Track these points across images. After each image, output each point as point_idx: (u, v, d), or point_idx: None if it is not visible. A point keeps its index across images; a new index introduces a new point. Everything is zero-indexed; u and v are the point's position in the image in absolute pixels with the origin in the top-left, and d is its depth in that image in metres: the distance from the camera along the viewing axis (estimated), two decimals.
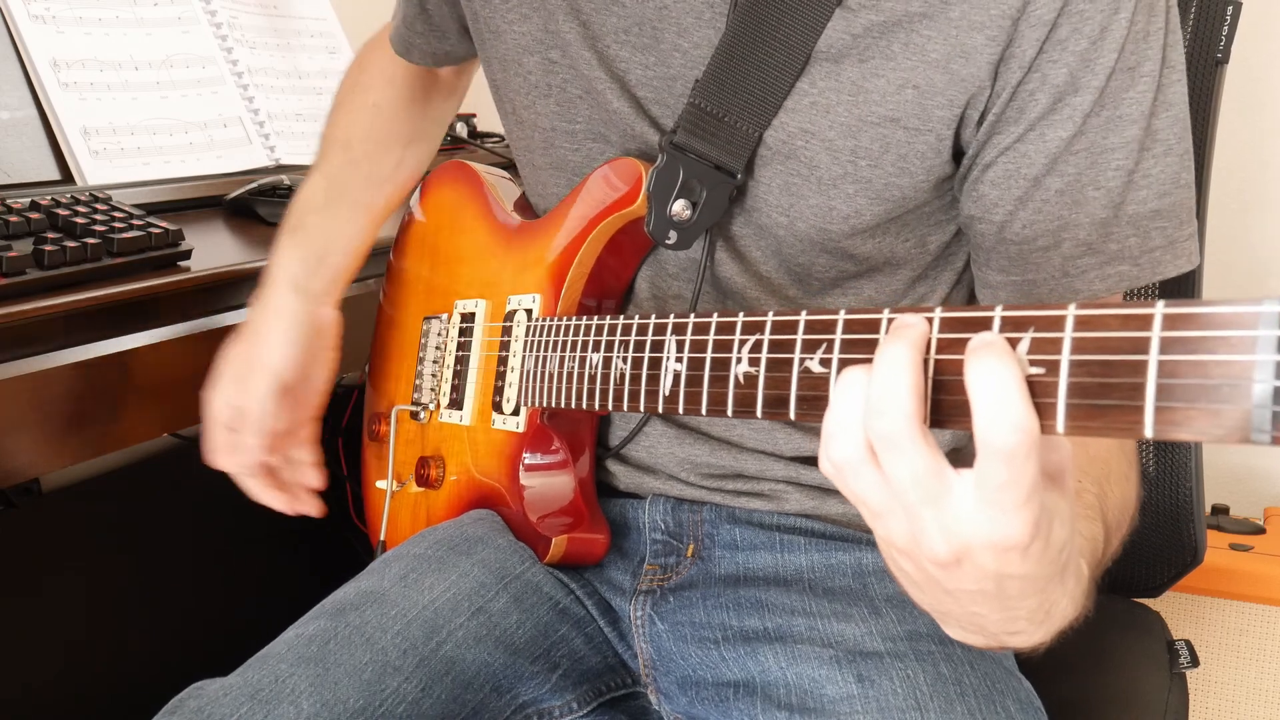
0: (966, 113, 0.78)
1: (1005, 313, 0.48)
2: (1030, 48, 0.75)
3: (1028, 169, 0.77)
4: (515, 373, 0.89)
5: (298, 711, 0.72)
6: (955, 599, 0.55)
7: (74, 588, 1.39)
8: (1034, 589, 0.54)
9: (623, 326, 0.75)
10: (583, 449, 0.90)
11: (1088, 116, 0.76)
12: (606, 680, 0.88)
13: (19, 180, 1.15)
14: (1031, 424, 0.46)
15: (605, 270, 0.88)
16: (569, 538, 0.88)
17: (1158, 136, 0.77)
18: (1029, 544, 0.49)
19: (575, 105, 0.88)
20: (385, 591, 0.83)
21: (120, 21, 1.32)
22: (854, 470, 0.52)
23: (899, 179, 0.80)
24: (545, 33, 0.87)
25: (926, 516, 0.50)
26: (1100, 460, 0.71)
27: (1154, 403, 0.43)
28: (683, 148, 0.82)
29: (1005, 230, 0.80)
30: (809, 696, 0.77)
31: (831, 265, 0.86)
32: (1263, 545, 1.60)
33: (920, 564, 0.53)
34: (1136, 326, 0.44)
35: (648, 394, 0.70)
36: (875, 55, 0.77)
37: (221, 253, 1.13)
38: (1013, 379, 0.46)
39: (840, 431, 0.51)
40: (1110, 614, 1.17)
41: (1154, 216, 0.78)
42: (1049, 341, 0.46)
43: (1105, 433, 0.45)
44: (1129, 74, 0.76)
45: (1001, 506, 0.48)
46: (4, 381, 0.83)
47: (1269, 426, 0.40)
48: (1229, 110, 1.16)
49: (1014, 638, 0.58)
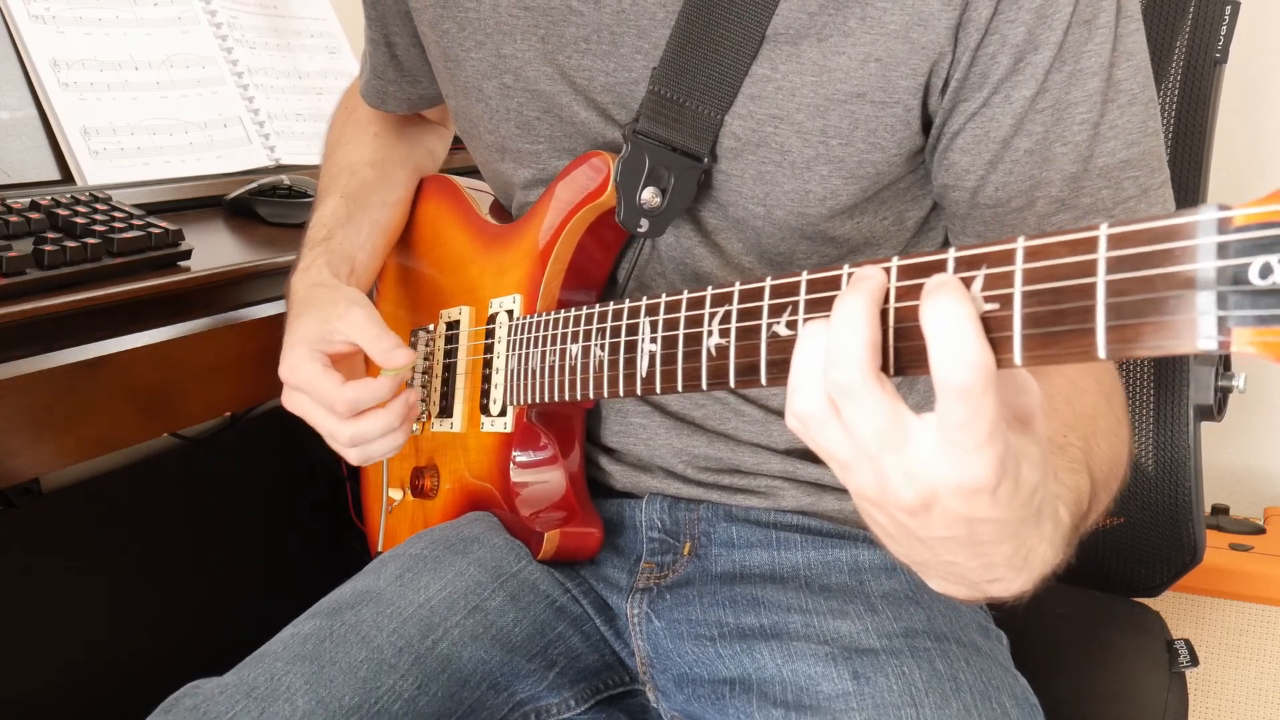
0: (931, 80, 0.78)
1: (958, 253, 0.49)
2: (986, 8, 0.75)
3: (996, 132, 0.78)
4: (500, 374, 0.90)
5: (293, 709, 0.72)
6: (929, 547, 0.55)
7: (74, 588, 1.39)
8: (1007, 533, 0.53)
9: (598, 315, 0.75)
10: (572, 444, 0.91)
11: (1049, 73, 0.76)
12: (604, 678, 0.89)
13: (19, 180, 1.15)
14: (986, 359, 0.46)
15: (583, 264, 0.89)
16: (561, 532, 0.89)
17: (1120, 87, 0.78)
18: (996, 485, 0.49)
19: (534, 126, 0.89)
20: (381, 591, 0.83)
21: (120, 21, 1.33)
22: (818, 423, 0.52)
23: (871, 155, 0.80)
24: (498, 57, 0.87)
25: (890, 464, 0.51)
26: (1087, 417, 0.71)
27: (1104, 323, 0.43)
28: (646, 135, 0.82)
29: (978, 195, 0.80)
30: (805, 693, 0.77)
31: (812, 251, 0.86)
32: (1263, 545, 1.60)
33: (891, 513, 0.53)
34: (1083, 250, 0.44)
35: (626, 378, 0.71)
36: (834, 32, 0.78)
37: (221, 253, 1.13)
38: (965, 316, 0.46)
39: (802, 385, 0.52)
40: (1110, 613, 1.17)
41: (1124, 166, 0.78)
42: (1001, 276, 0.47)
43: (1062, 359, 0.45)
44: (1085, 27, 0.76)
45: (963, 446, 0.48)
46: (4, 381, 0.83)
47: (1215, 331, 0.40)
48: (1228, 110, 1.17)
49: (994, 585, 0.58)
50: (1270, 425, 1.84)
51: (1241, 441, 1.84)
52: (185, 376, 0.96)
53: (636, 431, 0.92)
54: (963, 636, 0.81)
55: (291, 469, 1.68)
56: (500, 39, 0.87)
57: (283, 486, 1.68)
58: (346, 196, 1.03)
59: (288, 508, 1.69)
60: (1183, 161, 1.14)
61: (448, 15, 0.90)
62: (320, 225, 1.01)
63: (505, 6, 0.86)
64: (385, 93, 1.09)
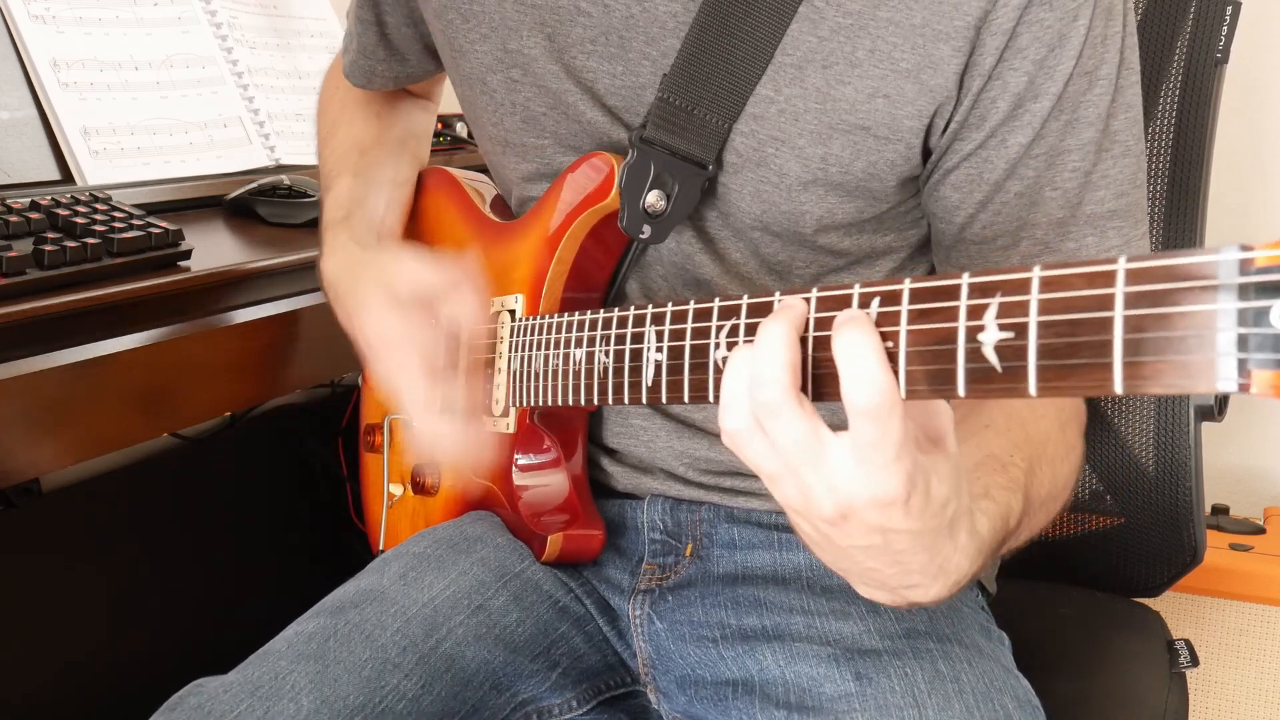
0: (934, 121, 0.79)
1: (973, 279, 0.49)
2: (990, 56, 0.75)
3: (989, 174, 0.79)
4: (502, 374, 0.90)
5: (297, 708, 0.72)
6: (850, 556, 0.59)
7: (74, 588, 1.39)
8: (922, 544, 0.57)
9: (603, 320, 0.75)
10: (575, 446, 0.90)
11: (1046, 121, 0.77)
12: (606, 679, 0.89)
13: (19, 180, 1.15)
14: (888, 384, 0.50)
15: (585, 266, 0.89)
16: (565, 535, 0.88)
17: (1116, 138, 0.78)
18: (907, 498, 0.53)
19: (540, 121, 0.88)
20: (385, 589, 0.83)
21: (120, 21, 1.32)
22: (746, 439, 0.56)
23: (869, 184, 0.81)
24: (505, 51, 0.87)
25: (810, 477, 0.55)
26: (1036, 442, 0.73)
27: (1121, 359, 0.43)
28: (652, 142, 0.82)
29: (965, 230, 0.81)
30: (807, 695, 0.77)
31: (812, 260, 0.86)
32: (1263, 545, 1.60)
33: (814, 523, 0.57)
34: (1101, 284, 0.44)
35: (631, 386, 0.71)
36: (839, 60, 0.78)
37: (221, 253, 1.13)
38: (871, 347, 0.50)
39: (731, 404, 0.56)
40: (1110, 613, 1.17)
41: (1111, 216, 0.79)
42: (1016, 305, 0.47)
43: (1076, 392, 0.45)
44: (1087, 78, 0.76)
45: (875, 464, 0.52)
46: (4, 381, 0.82)
47: (1234, 374, 0.40)
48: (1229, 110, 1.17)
49: (912, 591, 0.62)
50: (1270, 425, 1.84)
51: (1241, 441, 1.84)
52: (185, 376, 0.96)
53: (637, 433, 0.92)
54: (965, 638, 0.81)
55: (291, 469, 1.68)
56: (506, 34, 0.87)
57: (283, 486, 1.68)
58: (359, 175, 1.03)
59: (288, 508, 1.69)
60: (1183, 162, 1.14)
61: (452, 6, 0.90)
62: (338, 206, 1.00)
63: (510, 2, 0.86)
64: (373, 72, 1.09)
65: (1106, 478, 1.19)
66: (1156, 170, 1.16)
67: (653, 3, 0.81)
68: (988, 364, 0.48)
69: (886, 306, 0.52)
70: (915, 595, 0.62)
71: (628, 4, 0.82)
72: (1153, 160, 1.15)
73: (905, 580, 0.60)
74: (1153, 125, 1.15)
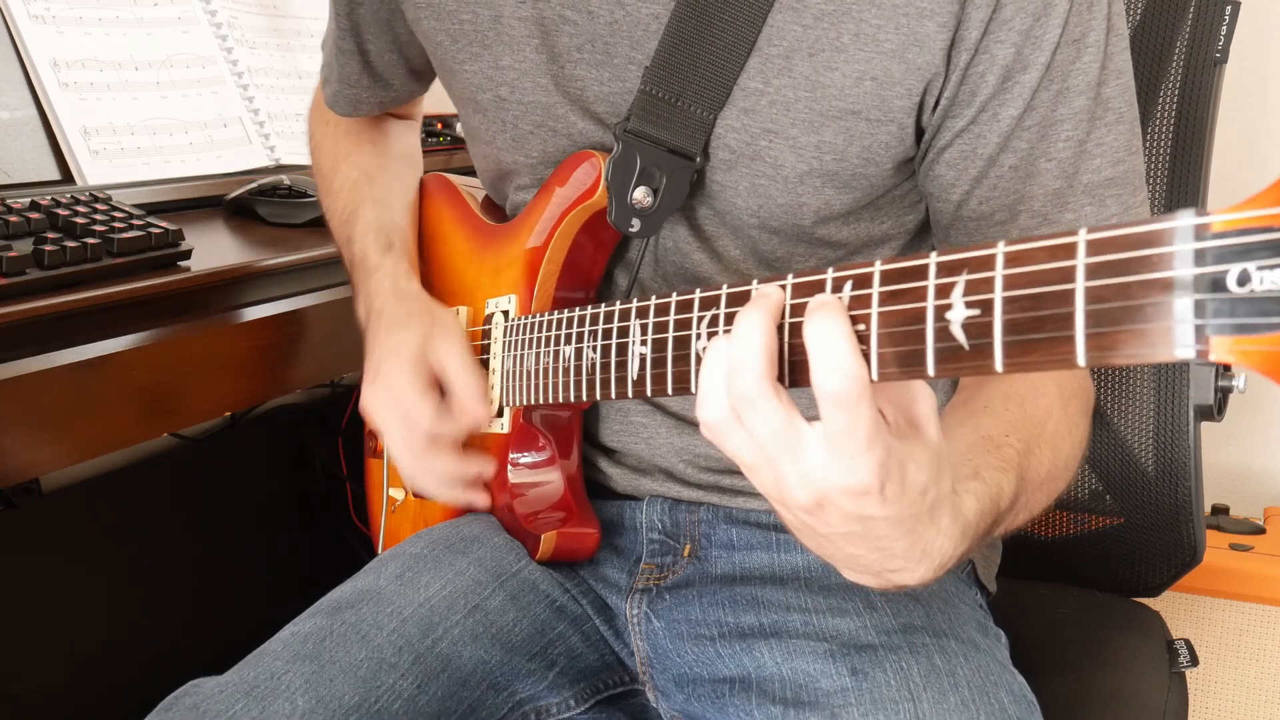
0: (924, 99, 0.78)
1: (940, 258, 0.49)
2: (975, 29, 0.75)
3: (982, 149, 0.78)
4: (496, 374, 0.90)
5: (293, 708, 0.72)
6: (831, 542, 0.59)
7: (74, 588, 1.39)
8: (902, 530, 0.57)
9: (590, 317, 0.75)
10: (570, 444, 0.91)
11: (1036, 92, 0.76)
12: (604, 678, 0.89)
13: (19, 180, 1.15)
14: (857, 370, 0.50)
15: (577, 264, 0.89)
16: (559, 533, 0.89)
17: (1109, 105, 0.78)
18: (881, 486, 0.53)
19: (528, 140, 0.89)
20: (381, 590, 0.83)
21: (120, 21, 1.33)
22: (724, 429, 0.56)
23: (865, 169, 0.81)
24: (495, 69, 0.87)
25: (786, 466, 0.54)
26: (1035, 421, 0.73)
27: (1084, 330, 0.43)
28: (637, 134, 0.82)
29: (962, 208, 0.81)
30: (804, 690, 0.77)
31: (810, 253, 0.86)
32: (1263, 545, 1.60)
33: (792, 511, 0.57)
34: (1062, 256, 0.44)
35: (617, 380, 0.71)
36: (826, 47, 0.78)
37: (221, 253, 1.13)
38: (840, 332, 0.50)
39: (709, 394, 0.56)
40: (1110, 613, 1.17)
41: (1109, 184, 0.78)
42: (982, 282, 0.47)
43: (1042, 366, 0.45)
44: (1074, 46, 0.76)
45: (845, 453, 0.52)
46: (4, 381, 0.83)
47: (1192, 340, 0.40)
48: (1228, 110, 1.17)
49: (897, 574, 0.61)
50: (1270, 425, 1.84)
51: (1241, 441, 1.84)
52: (185, 376, 0.96)
53: (637, 430, 0.92)
54: (961, 633, 0.82)
55: (291, 469, 1.68)
56: (500, 50, 0.87)
57: (283, 486, 1.68)
58: (376, 201, 1.03)
59: (288, 508, 1.69)
60: (1183, 161, 1.14)
61: (441, 28, 0.90)
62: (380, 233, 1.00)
63: (506, 18, 0.86)
64: (358, 99, 1.09)
65: (1106, 477, 1.19)
66: (1156, 170, 1.16)
67: (634, 6, 0.82)
68: (956, 343, 0.47)
69: (858, 290, 0.52)
70: (900, 578, 0.62)
71: (610, 9, 0.82)
72: (1152, 160, 1.15)
73: (889, 564, 0.60)
74: (1152, 125, 1.15)
